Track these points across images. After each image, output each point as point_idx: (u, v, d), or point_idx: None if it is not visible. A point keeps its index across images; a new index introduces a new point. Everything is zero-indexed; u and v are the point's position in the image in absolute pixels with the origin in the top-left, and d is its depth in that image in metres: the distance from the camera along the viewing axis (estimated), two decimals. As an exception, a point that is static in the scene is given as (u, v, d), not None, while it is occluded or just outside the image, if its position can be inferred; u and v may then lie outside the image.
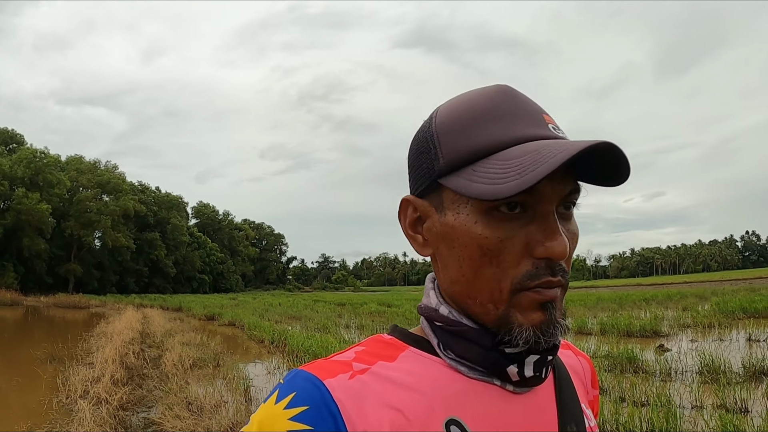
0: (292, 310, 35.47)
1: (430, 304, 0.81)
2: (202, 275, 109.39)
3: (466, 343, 0.76)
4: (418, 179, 0.79)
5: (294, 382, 0.69)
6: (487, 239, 0.71)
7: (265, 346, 17.12)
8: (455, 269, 0.75)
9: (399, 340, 0.80)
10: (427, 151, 0.78)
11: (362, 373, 0.72)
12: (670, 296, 34.65)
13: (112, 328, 20.21)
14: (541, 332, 0.72)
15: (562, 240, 0.71)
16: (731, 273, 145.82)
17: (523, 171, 0.66)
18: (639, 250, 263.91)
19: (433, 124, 0.78)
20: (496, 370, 0.75)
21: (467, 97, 0.79)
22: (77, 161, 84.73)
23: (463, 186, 0.71)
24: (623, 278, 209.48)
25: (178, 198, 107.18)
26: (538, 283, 0.71)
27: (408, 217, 0.81)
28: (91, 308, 45.57)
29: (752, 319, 19.30)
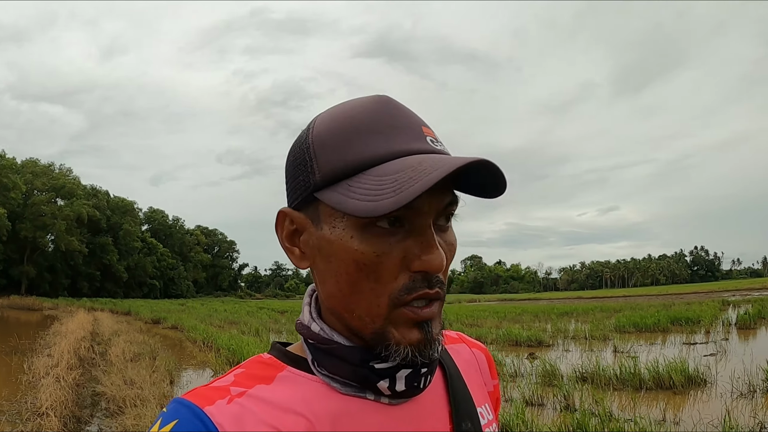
0: (234, 316, 37.74)
1: (304, 320, 0.82)
2: (153, 281, 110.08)
3: (336, 360, 0.77)
4: (295, 191, 0.79)
5: (176, 410, 0.70)
6: (364, 254, 0.71)
7: (198, 345, 19.87)
8: (332, 283, 0.75)
9: (277, 359, 0.80)
10: (303, 163, 0.77)
11: (240, 396, 0.73)
12: (588, 310, 36.87)
13: (66, 328, 22.65)
14: (417, 351, 0.73)
15: (439, 253, 0.72)
16: (672, 287, 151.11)
17: (398, 188, 0.67)
18: (589, 263, 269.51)
19: (310, 135, 0.78)
20: (367, 385, 0.76)
21: (346, 107, 0.78)
22: (32, 164, 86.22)
23: (337, 201, 0.71)
24: (572, 291, 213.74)
25: (131, 203, 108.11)
26: (415, 296, 0.72)
27: (285, 230, 0.81)
28: (44, 310, 47.35)
29: (637, 334, 21.67)
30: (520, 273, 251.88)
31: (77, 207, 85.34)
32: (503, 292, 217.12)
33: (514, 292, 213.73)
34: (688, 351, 15.80)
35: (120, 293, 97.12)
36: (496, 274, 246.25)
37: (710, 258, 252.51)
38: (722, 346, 16.46)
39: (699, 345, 17.33)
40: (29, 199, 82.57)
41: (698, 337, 19.34)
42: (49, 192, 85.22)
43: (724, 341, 17.82)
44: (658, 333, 21.89)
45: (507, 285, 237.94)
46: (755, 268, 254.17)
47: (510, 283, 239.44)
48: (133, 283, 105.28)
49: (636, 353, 15.43)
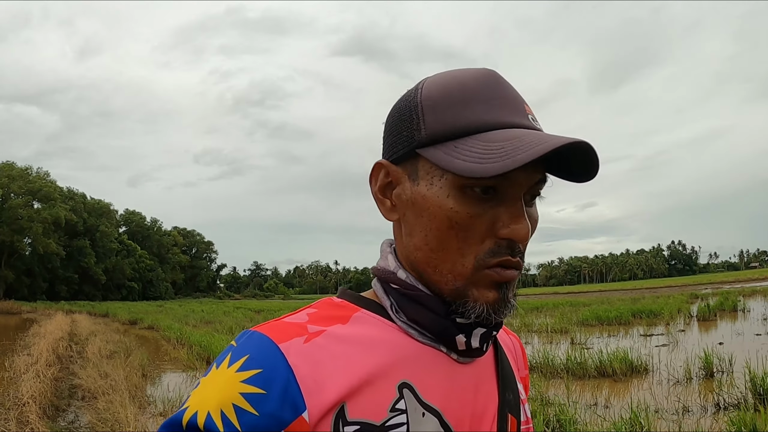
0: (210, 316, 38.28)
1: (388, 266, 0.83)
2: (131, 283, 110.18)
3: (419, 307, 0.79)
4: (395, 145, 0.81)
5: (247, 344, 0.70)
6: (458, 213, 0.74)
7: (172, 343, 20.56)
8: (420, 237, 0.77)
9: (350, 303, 0.82)
10: (408, 119, 0.79)
11: (317, 335, 0.73)
12: (558, 305, 37.28)
13: (44, 329, 23.18)
14: (493, 310, 0.76)
15: (526, 224, 0.75)
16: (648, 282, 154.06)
17: (504, 155, 0.69)
18: (567, 259, 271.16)
19: (419, 94, 0.79)
20: (445, 338, 0.79)
21: (456, 75, 0.80)
22: (9, 167, 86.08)
23: (442, 159, 0.73)
24: (551, 286, 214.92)
25: (107, 205, 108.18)
26: (499, 261, 0.75)
27: (379, 181, 0.83)
28: (22, 314, 47.65)
29: (600, 327, 22.46)
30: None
31: (54, 210, 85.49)
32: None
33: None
34: (643, 342, 16.51)
35: (98, 296, 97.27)
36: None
37: (687, 252, 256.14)
38: (675, 337, 17.13)
39: (656, 336, 18.04)
40: (6, 203, 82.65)
41: (658, 329, 20.11)
42: (26, 195, 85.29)
43: (681, 332, 18.59)
44: (620, 326, 22.58)
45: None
46: (732, 262, 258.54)
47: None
48: (111, 286, 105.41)
49: (592, 345, 15.99)
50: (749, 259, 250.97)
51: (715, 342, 14.82)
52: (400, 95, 0.85)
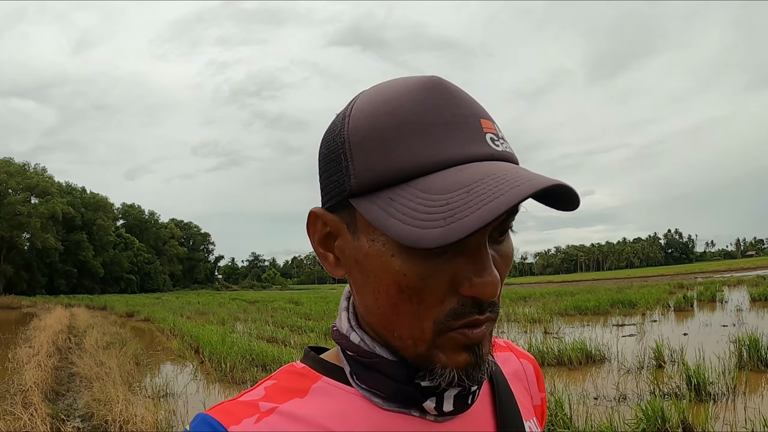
0: (205, 307, 39.05)
1: (342, 329, 0.73)
2: (129, 275, 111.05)
3: (378, 375, 0.68)
4: (328, 191, 0.68)
5: (199, 429, 0.64)
6: (406, 276, 0.61)
7: (166, 334, 21.55)
8: (371, 299, 0.66)
9: (312, 369, 0.73)
10: (337, 160, 0.66)
11: (269, 414, 0.66)
12: (545, 294, 37.50)
13: (44, 323, 24.15)
14: (465, 375, 0.65)
15: (493, 277, 0.61)
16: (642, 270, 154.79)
17: (450, 215, 0.55)
18: (564, 247, 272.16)
19: (346, 128, 0.65)
20: (411, 404, 0.68)
21: (389, 94, 0.65)
22: (6, 163, 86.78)
23: (376, 217, 0.60)
24: (547, 275, 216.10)
25: (104, 199, 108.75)
26: (464, 323, 0.63)
27: (317, 233, 0.70)
28: (22, 308, 48.33)
29: (579, 316, 22.87)
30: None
31: (52, 205, 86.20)
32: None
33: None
34: (615, 332, 16.99)
35: (97, 289, 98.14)
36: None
37: (684, 241, 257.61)
38: (644, 327, 17.57)
39: (628, 326, 18.45)
40: (5, 199, 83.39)
41: (634, 320, 20.46)
42: (24, 191, 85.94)
43: (654, 323, 19.08)
44: (598, 316, 23.01)
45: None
46: (728, 250, 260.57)
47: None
48: (109, 279, 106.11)
49: (564, 335, 16.32)
50: (746, 248, 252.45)
51: (681, 333, 15.35)
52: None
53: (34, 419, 7.01)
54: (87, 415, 8.71)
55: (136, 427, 7.03)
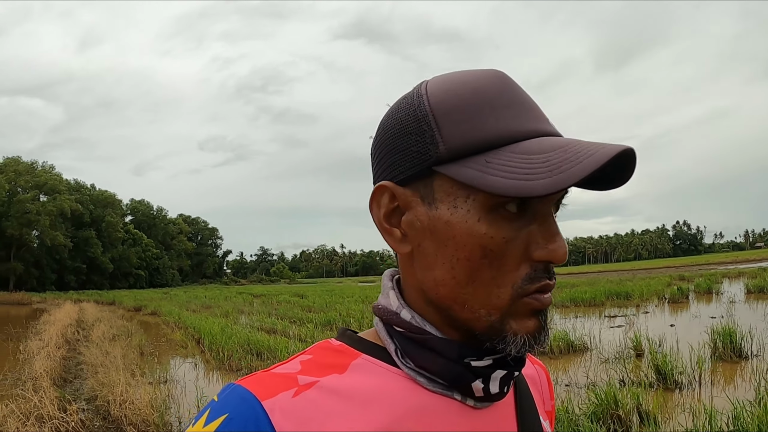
0: (211, 301, 39.87)
1: (390, 306, 0.72)
2: (138, 271, 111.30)
3: (428, 353, 0.68)
4: (399, 164, 0.68)
5: (228, 401, 0.61)
6: (493, 239, 0.64)
7: (170, 326, 22.34)
8: (444, 270, 0.66)
9: (349, 347, 0.71)
10: (417, 132, 0.67)
11: (308, 388, 0.64)
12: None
13: (54, 317, 24.91)
14: (533, 339, 0.66)
15: (563, 243, 0.66)
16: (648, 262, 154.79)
17: (555, 168, 0.60)
18: (572, 239, 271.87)
19: (426, 102, 0.67)
20: (459, 384, 0.68)
21: (464, 77, 0.69)
22: (15, 162, 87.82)
23: (474, 177, 0.63)
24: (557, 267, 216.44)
25: (112, 195, 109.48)
26: (538, 287, 0.65)
27: (383, 207, 0.70)
28: (33, 304, 49.15)
29: (574, 308, 23.36)
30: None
31: (60, 202, 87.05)
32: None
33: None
34: (606, 323, 17.60)
35: (106, 285, 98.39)
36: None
37: (692, 232, 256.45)
38: (633, 319, 17.95)
39: (619, 317, 18.99)
40: (14, 197, 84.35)
41: (629, 311, 21.00)
42: (33, 189, 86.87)
43: (645, 314, 19.59)
44: (593, 307, 23.50)
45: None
46: (737, 242, 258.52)
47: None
48: (118, 274, 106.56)
49: (555, 326, 16.27)
50: (754, 239, 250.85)
51: (669, 324, 15.77)
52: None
53: (43, 401, 7.71)
54: (91, 398, 9.42)
55: (134, 406, 7.70)
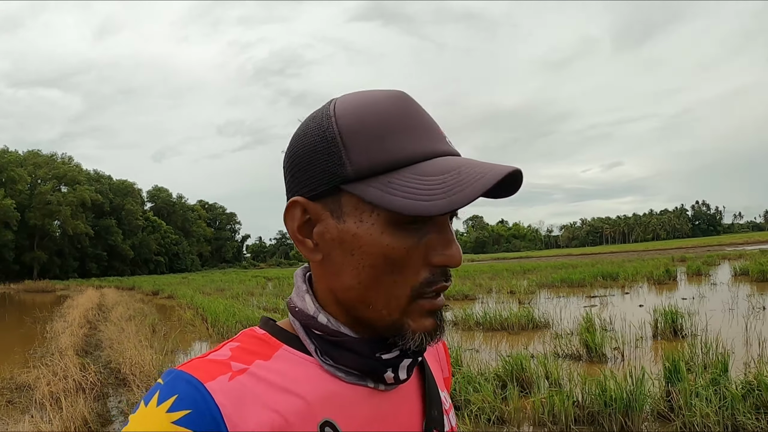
0: (225, 284, 41.55)
1: (307, 310, 0.80)
2: (158, 257, 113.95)
3: (345, 352, 0.77)
4: (311, 181, 0.76)
5: (174, 383, 0.68)
6: (394, 249, 0.72)
7: (182, 307, 24.13)
8: (351, 276, 0.75)
9: (272, 336, 0.79)
10: (326, 152, 0.74)
11: (241, 373, 0.71)
12: (546, 267, 39.34)
13: (77, 302, 26.93)
14: (429, 336, 0.76)
15: (458, 248, 0.75)
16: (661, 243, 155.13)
17: (449, 190, 0.68)
18: (590, 220, 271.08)
19: (335, 124, 0.74)
20: (372, 375, 0.78)
21: (368, 100, 0.76)
22: (35, 155, 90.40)
23: (376, 197, 0.70)
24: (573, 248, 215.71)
25: (131, 184, 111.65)
26: (435, 289, 0.75)
27: (297, 220, 0.78)
28: (56, 291, 51.24)
29: (566, 288, 24.25)
30: (522, 232, 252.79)
31: (80, 192, 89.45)
32: (505, 251, 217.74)
33: (516, 250, 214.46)
34: (581, 302, 18.61)
35: (127, 271, 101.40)
36: (498, 233, 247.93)
37: (711, 212, 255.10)
38: (609, 299, 18.97)
39: (599, 297, 20.00)
40: (35, 189, 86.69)
41: (613, 292, 21.99)
42: (53, 180, 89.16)
43: (626, 294, 20.58)
44: (582, 287, 24.53)
45: (509, 244, 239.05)
46: (757, 222, 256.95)
47: (512, 242, 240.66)
48: (139, 261, 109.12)
49: (535, 305, 17.75)
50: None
51: (638, 304, 16.73)
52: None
53: (67, 365, 9.49)
54: (106, 363, 11.23)
55: (140, 366, 9.44)
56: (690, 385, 6.38)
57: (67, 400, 7.40)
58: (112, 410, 8.27)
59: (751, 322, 12.06)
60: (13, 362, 11.18)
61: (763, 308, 14.34)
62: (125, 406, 8.20)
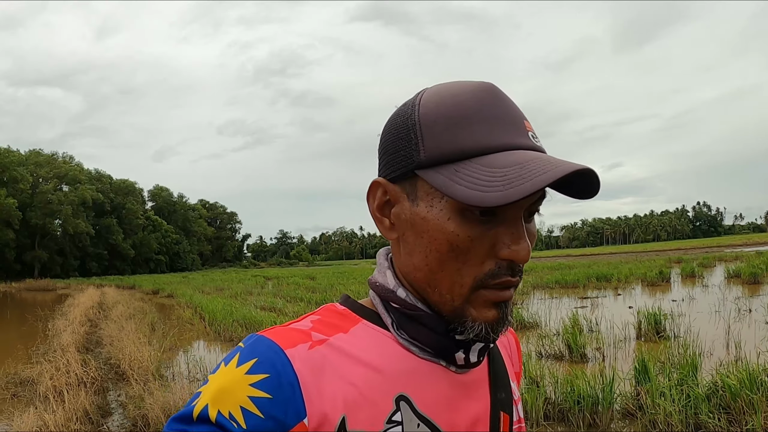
0: (224, 283, 41.75)
1: (387, 284, 0.83)
2: (158, 256, 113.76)
3: (420, 327, 0.79)
4: (392, 164, 0.79)
5: (255, 347, 0.71)
6: (458, 237, 0.73)
7: (182, 306, 24.49)
8: (420, 258, 0.77)
9: (352, 312, 0.82)
10: (406, 138, 0.77)
11: (320, 344, 0.74)
12: (544, 268, 39.58)
13: (78, 300, 27.29)
14: (491, 329, 0.76)
15: (527, 245, 0.74)
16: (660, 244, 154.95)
17: (508, 183, 0.68)
18: (590, 220, 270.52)
19: (417, 112, 0.77)
20: (444, 354, 0.80)
21: (453, 90, 0.78)
22: (36, 154, 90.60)
23: (443, 184, 0.72)
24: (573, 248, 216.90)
25: (132, 184, 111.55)
26: (498, 282, 0.75)
27: (377, 200, 0.82)
28: (57, 290, 51.48)
29: (559, 289, 24.58)
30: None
31: (81, 192, 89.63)
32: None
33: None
34: (572, 303, 18.83)
35: (128, 270, 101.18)
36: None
37: (712, 213, 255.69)
38: (600, 301, 19.25)
39: (590, 299, 20.22)
40: (36, 188, 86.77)
41: (607, 292, 22.24)
42: (54, 180, 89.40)
43: (618, 296, 20.80)
44: (575, 288, 24.78)
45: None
46: (758, 223, 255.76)
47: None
48: (139, 260, 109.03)
49: (527, 305, 18.27)
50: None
51: (627, 306, 16.94)
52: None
53: (69, 361, 9.89)
54: (107, 359, 11.60)
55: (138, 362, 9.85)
56: (657, 386, 6.69)
57: (70, 393, 7.83)
58: (112, 403, 8.69)
59: (734, 325, 12.21)
60: (17, 358, 11.57)
61: (749, 311, 14.47)
62: (124, 399, 8.61)
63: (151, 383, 8.30)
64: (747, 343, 9.70)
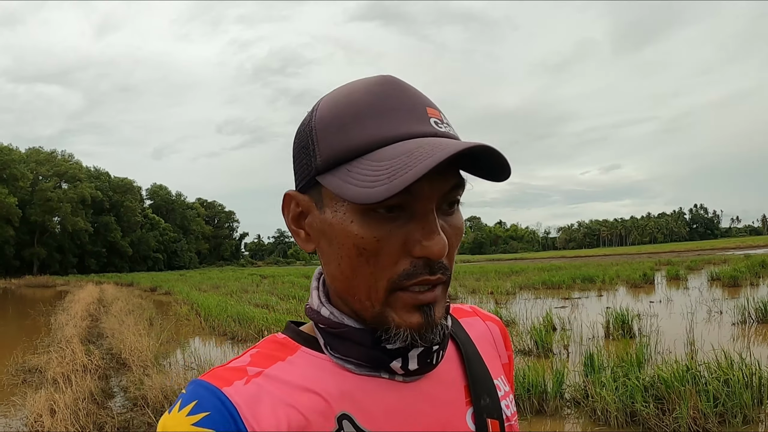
0: (221, 281, 42.34)
1: (313, 305, 0.81)
2: (156, 254, 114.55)
3: (348, 343, 0.76)
4: (299, 174, 0.78)
5: (195, 391, 0.71)
6: (363, 239, 0.70)
7: (179, 303, 25.12)
8: (335, 266, 0.75)
9: (291, 340, 0.80)
10: (306, 146, 0.76)
11: (257, 376, 0.73)
12: (532, 269, 39.95)
13: (78, 297, 28.03)
14: (418, 335, 0.72)
15: (440, 239, 0.69)
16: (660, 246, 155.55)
17: (393, 174, 0.65)
18: (587, 222, 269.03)
19: (313, 118, 0.76)
20: (380, 366, 0.76)
21: (348, 89, 0.76)
22: (36, 152, 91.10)
23: (337, 186, 0.69)
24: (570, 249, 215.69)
25: (131, 182, 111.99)
26: (415, 282, 0.71)
27: (291, 212, 0.80)
28: (56, 287, 52.19)
29: (544, 290, 24.94)
30: (520, 233, 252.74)
31: (81, 189, 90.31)
32: (502, 252, 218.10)
33: (513, 251, 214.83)
34: (554, 303, 19.25)
35: (126, 267, 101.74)
36: (496, 234, 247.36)
37: (709, 216, 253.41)
38: (580, 301, 19.70)
39: (573, 300, 20.60)
40: (36, 186, 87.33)
41: (591, 294, 22.72)
42: (54, 177, 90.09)
43: (599, 297, 21.26)
44: (560, 289, 25.21)
45: (506, 245, 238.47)
46: (755, 226, 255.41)
47: (509, 243, 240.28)
48: (137, 258, 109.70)
49: (510, 305, 18.72)
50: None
51: (605, 306, 16.74)
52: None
53: (74, 351, 10.72)
54: (109, 349, 12.49)
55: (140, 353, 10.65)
56: (599, 378, 7.48)
57: (76, 377, 8.66)
58: (114, 387, 9.56)
59: (702, 325, 12.65)
60: (24, 349, 12.33)
61: (720, 312, 14.88)
62: (126, 383, 9.42)
63: (150, 369, 9.14)
64: (706, 343, 10.08)
